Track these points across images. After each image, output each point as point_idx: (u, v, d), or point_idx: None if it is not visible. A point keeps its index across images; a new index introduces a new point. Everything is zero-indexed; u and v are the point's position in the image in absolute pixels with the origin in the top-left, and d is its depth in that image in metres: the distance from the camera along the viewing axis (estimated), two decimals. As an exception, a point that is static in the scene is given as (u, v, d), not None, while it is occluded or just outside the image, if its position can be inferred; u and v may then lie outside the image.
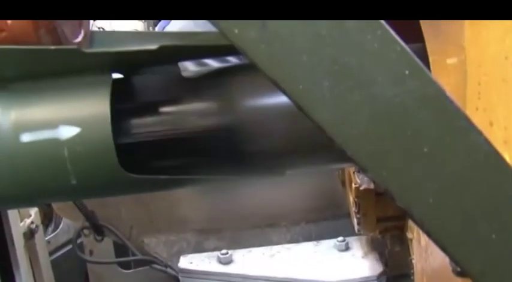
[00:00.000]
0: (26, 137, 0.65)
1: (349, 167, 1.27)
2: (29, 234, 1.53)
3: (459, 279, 0.57)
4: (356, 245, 1.42)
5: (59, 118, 0.65)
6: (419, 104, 0.48)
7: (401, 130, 0.49)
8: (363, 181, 1.20)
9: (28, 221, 1.53)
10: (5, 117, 0.65)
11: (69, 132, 0.64)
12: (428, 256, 0.84)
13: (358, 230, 1.29)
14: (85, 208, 1.55)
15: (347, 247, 1.41)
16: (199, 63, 1.77)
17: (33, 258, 1.56)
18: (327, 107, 0.48)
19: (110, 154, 0.64)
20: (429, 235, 0.51)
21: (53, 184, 0.67)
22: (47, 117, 0.65)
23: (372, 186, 1.18)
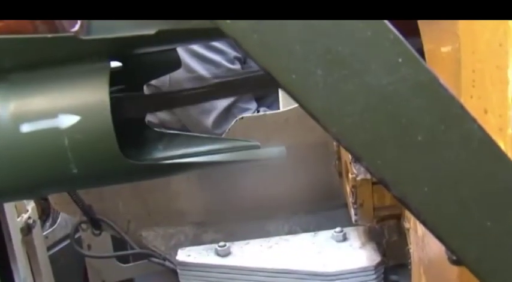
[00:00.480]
0: (26, 127, 0.65)
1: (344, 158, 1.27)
2: (26, 229, 1.52)
3: (455, 267, 0.57)
4: (353, 236, 1.42)
5: (58, 107, 0.65)
6: (413, 92, 0.48)
7: (395, 119, 0.48)
8: (360, 171, 1.20)
9: (25, 216, 1.53)
10: (4, 108, 0.65)
11: (68, 120, 0.64)
12: (425, 245, 0.84)
13: (355, 220, 1.29)
14: (82, 202, 1.54)
15: (345, 238, 1.41)
16: (196, 55, 1.78)
17: (31, 253, 1.56)
18: (321, 97, 0.47)
19: (111, 141, 0.65)
20: (424, 224, 0.51)
21: (54, 174, 0.67)
22: (46, 106, 0.66)
23: (369, 176, 1.18)
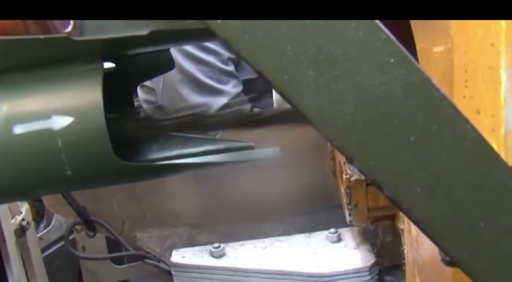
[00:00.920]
0: (19, 129, 0.64)
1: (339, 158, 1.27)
2: (20, 231, 1.52)
3: (449, 268, 0.57)
4: (348, 236, 1.42)
5: (52, 108, 0.65)
6: (405, 93, 0.48)
7: (387, 119, 0.48)
8: (354, 172, 1.20)
9: (19, 218, 1.53)
10: (-3, 109, 0.65)
11: (62, 122, 0.64)
12: (419, 246, 0.84)
13: (350, 221, 1.29)
14: (76, 204, 1.54)
15: (339, 238, 1.41)
16: (189, 56, 1.77)
17: (25, 255, 1.55)
18: (313, 97, 0.47)
19: (104, 142, 0.64)
20: (417, 225, 0.51)
21: (48, 175, 0.67)
22: (39, 107, 0.65)
23: (363, 177, 1.18)
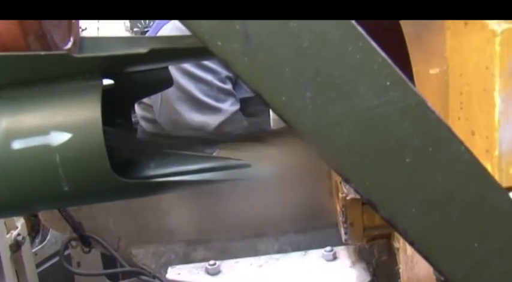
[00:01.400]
0: (18, 144, 0.65)
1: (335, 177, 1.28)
2: (16, 246, 1.52)
3: (443, 288, 0.58)
4: (344, 255, 1.42)
5: (50, 124, 0.65)
6: (401, 115, 0.48)
7: (383, 141, 0.49)
8: (350, 191, 1.20)
9: (14, 233, 1.52)
10: (-4, 124, 0.65)
11: (60, 138, 0.64)
12: (414, 265, 0.84)
13: (345, 240, 1.29)
14: (72, 219, 1.54)
15: (335, 257, 1.41)
16: (188, 74, 1.78)
17: (19, 270, 1.55)
18: (310, 118, 0.48)
19: (102, 159, 0.65)
20: (412, 245, 0.52)
21: (45, 191, 0.67)
22: (38, 123, 0.65)
23: (359, 195, 1.18)
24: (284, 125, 0.50)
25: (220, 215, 1.57)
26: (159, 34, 1.83)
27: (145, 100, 1.90)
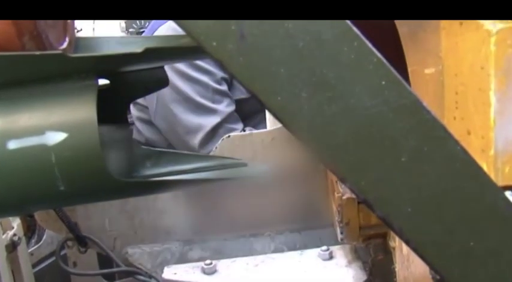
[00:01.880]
0: (13, 144, 0.64)
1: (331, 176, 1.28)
2: (11, 246, 1.51)
3: (439, 287, 0.58)
4: (340, 254, 1.42)
5: (46, 124, 0.65)
6: (396, 115, 0.49)
7: (379, 140, 0.49)
8: (345, 190, 1.20)
9: (10, 233, 1.52)
10: (-9, 124, 0.65)
11: (56, 137, 0.64)
12: (410, 264, 0.84)
13: (341, 239, 1.30)
14: (68, 219, 1.54)
15: (331, 256, 1.41)
16: (183, 76, 1.78)
17: (15, 270, 1.54)
18: (305, 118, 0.48)
19: (98, 159, 0.64)
20: (408, 244, 0.52)
21: (41, 191, 0.67)
22: (34, 123, 0.65)
23: (355, 195, 1.19)
24: (280, 125, 0.50)
25: (216, 215, 1.57)
26: (155, 35, 1.83)
27: (140, 101, 1.90)
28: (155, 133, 1.89)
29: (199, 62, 1.76)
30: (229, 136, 1.48)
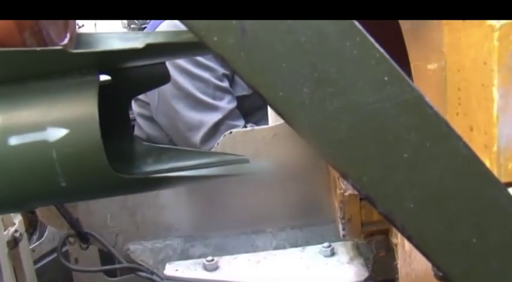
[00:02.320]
0: (14, 140, 0.64)
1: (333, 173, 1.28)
2: (13, 242, 1.51)
3: (441, 283, 0.57)
4: (341, 251, 1.42)
5: (47, 120, 0.64)
6: (399, 110, 0.48)
7: (381, 136, 0.49)
8: (348, 186, 1.20)
9: (12, 230, 1.52)
10: (-8, 120, 0.65)
11: (57, 134, 0.64)
12: (412, 261, 0.84)
13: (343, 236, 1.29)
14: (70, 216, 1.54)
15: (333, 253, 1.41)
16: (185, 72, 1.78)
17: (17, 267, 1.54)
18: (307, 114, 0.48)
19: (99, 155, 0.64)
20: (410, 240, 0.51)
21: (42, 187, 0.67)
22: (35, 119, 0.65)
23: (357, 191, 1.18)
24: (282, 122, 0.50)
25: (218, 211, 1.57)
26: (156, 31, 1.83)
27: (142, 97, 1.90)
28: (156, 129, 1.88)
29: (200, 59, 1.75)
30: (231, 132, 1.48)
